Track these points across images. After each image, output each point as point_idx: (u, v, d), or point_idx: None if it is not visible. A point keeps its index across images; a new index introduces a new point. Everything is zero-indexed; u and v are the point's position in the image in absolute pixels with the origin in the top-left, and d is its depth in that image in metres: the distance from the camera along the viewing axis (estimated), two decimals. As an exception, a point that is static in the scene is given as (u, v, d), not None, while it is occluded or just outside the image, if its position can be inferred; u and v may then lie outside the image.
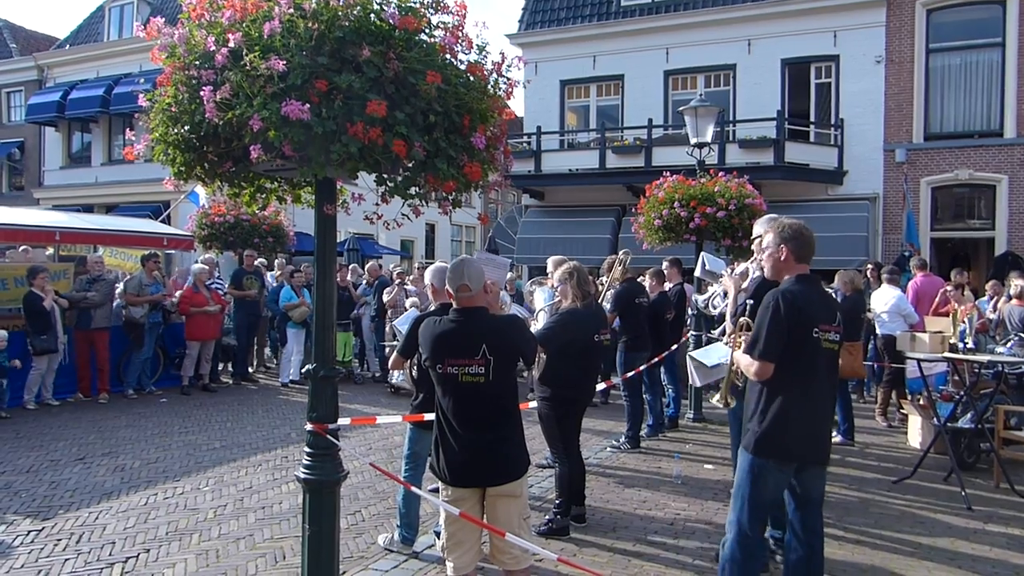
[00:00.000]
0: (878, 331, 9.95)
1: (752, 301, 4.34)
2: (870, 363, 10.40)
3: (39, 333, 9.34)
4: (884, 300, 9.74)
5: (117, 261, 13.13)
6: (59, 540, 5.22)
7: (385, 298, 11.89)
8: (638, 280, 8.80)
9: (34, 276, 9.50)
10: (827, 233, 13.30)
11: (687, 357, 6.03)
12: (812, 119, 18.17)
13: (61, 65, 28.25)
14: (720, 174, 9.65)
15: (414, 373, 5.13)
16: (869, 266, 12.18)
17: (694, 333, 9.65)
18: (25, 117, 28.48)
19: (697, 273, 8.00)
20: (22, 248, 12.02)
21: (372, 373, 12.69)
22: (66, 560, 4.88)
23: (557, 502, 5.54)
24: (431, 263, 16.61)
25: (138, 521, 5.62)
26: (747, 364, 3.76)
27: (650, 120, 18.12)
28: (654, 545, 5.29)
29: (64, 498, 6.12)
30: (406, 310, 10.83)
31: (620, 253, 8.05)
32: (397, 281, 12.38)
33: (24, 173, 30.13)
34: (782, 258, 3.86)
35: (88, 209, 24.38)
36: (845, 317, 4.03)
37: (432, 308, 5.10)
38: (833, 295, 6.14)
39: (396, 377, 11.20)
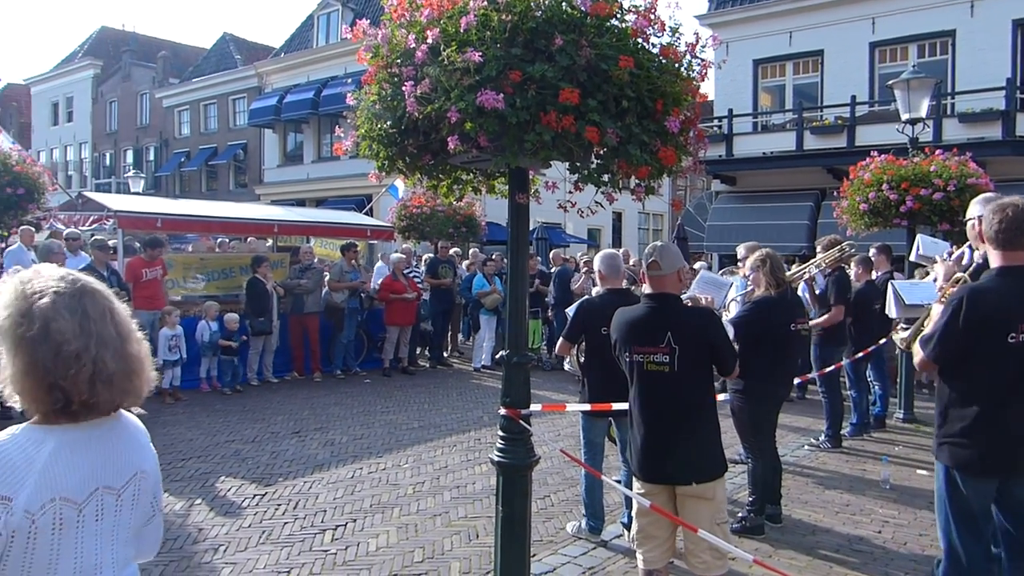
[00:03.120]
0: None
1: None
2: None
3: (257, 315, 10.28)
4: None
5: (326, 251, 14.18)
6: (279, 505, 5.73)
7: (573, 287, 11.98)
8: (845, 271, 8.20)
9: (258, 264, 10.48)
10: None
11: (889, 284, 5.57)
12: (1049, 87, 16.14)
13: (277, 72, 30.92)
14: (937, 152, 8.81)
15: (581, 359, 5.13)
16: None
17: (904, 325, 8.87)
18: (248, 121, 31.50)
19: (912, 258, 7.36)
20: (247, 240, 13.31)
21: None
22: (285, 524, 5.35)
23: (750, 500, 5.33)
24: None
25: (345, 492, 6.05)
26: (916, 351, 3.38)
27: (853, 97, 16.91)
28: (859, 554, 4.95)
29: (282, 467, 6.71)
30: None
31: (844, 243, 7.54)
32: (584, 270, 12.44)
33: (247, 172, 33.34)
34: (987, 245, 3.26)
35: (300, 203, 26.61)
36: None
37: (598, 294, 5.09)
38: None
39: (567, 366, 11.30)
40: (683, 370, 3.42)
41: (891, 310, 5.48)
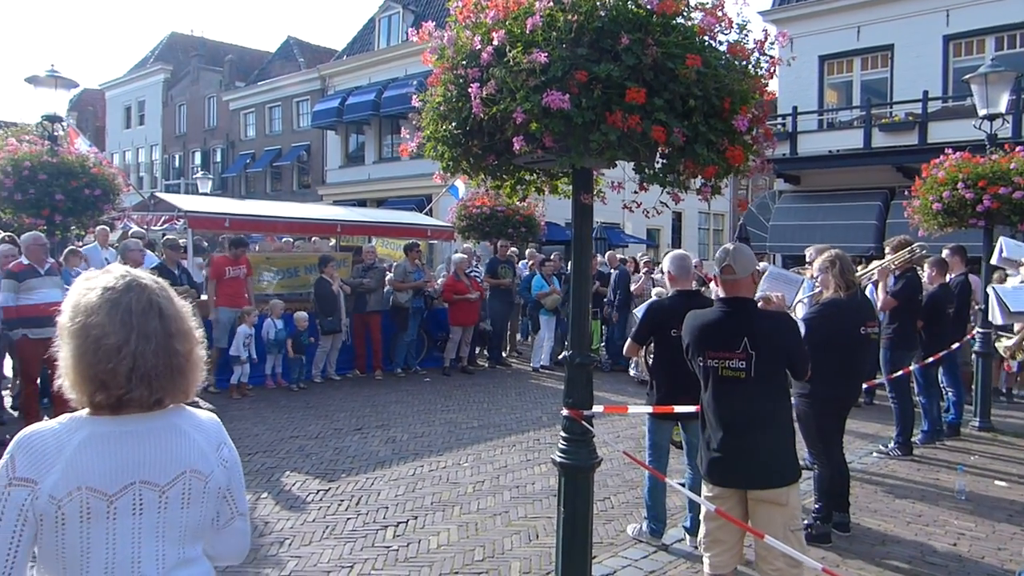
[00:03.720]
0: None
1: None
2: None
3: (326, 315, 10.48)
4: None
5: (388, 251, 14.37)
6: (342, 501, 5.83)
7: (632, 287, 11.90)
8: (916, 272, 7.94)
9: (325, 264, 10.69)
10: None
11: (989, 288, 5.36)
12: None
13: (339, 74, 31.48)
14: (1017, 149, 8.45)
15: (649, 361, 5.08)
16: None
17: (980, 330, 8.57)
18: (311, 123, 32.14)
19: (994, 260, 7.09)
20: (311, 240, 13.58)
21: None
22: (348, 519, 5.44)
23: (816, 507, 5.22)
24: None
25: (407, 489, 6.12)
26: None
27: (925, 92, 16.36)
28: (933, 567, 4.78)
29: (345, 463, 6.82)
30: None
31: (916, 245, 7.32)
32: (644, 270, 12.35)
33: (310, 172, 34.02)
34: None
35: (362, 204, 27.04)
36: None
37: (667, 296, 5.02)
38: None
39: (632, 368, 11.24)
40: (759, 376, 3.37)
41: (995, 317, 5.29)
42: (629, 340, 4.92)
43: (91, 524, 1.63)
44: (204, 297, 9.73)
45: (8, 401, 8.73)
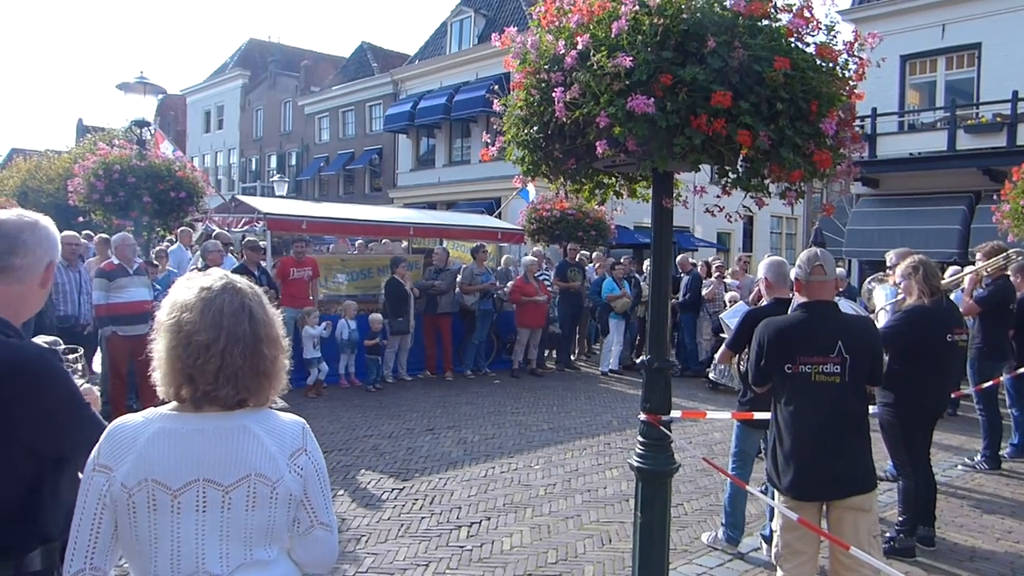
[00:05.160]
0: None
1: None
2: None
3: (396, 316, 10.65)
4: None
5: (459, 253, 14.51)
6: (416, 500, 5.92)
7: (704, 291, 11.74)
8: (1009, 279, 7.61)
9: (396, 265, 10.87)
10: None
11: None
12: None
13: (411, 79, 31.93)
14: (1116, 151, 8.05)
15: (742, 368, 4.99)
16: None
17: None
18: (383, 127, 32.69)
19: None
20: (383, 241, 13.82)
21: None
22: (422, 518, 5.52)
23: (900, 519, 5.06)
24: (749, 256, 16.07)
25: (479, 490, 6.17)
26: None
27: (1015, 93, 15.68)
28: (1024, 583, 4.60)
29: (418, 463, 6.92)
30: (726, 305, 10.60)
31: (1012, 251, 7.04)
32: (716, 275, 12.17)
33: (381, 176, 34.60)
34: None
35: (432, 206, 27.34)
36: None
37: (764, 303, 4.91)
38: None
39: (715, 373, 11.05)
40: (852, 380, 3.33)
41: None
42: (723, 347, 4.86)
43: (157, 515, 1.69)
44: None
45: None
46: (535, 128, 3.53)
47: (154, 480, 1.69)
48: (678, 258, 13.93)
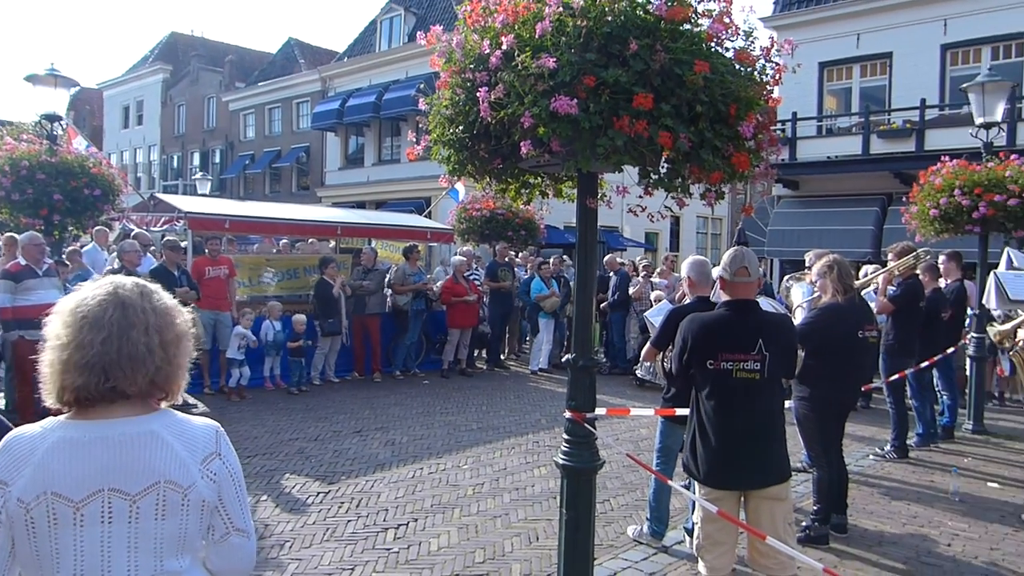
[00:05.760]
0: None
1: None
2: None
3: (327, 317, 10.48)
4: None
5: (387, 253, 14.38)
6: (342, 503, 5.84)
7: (631, 290, 11.93)
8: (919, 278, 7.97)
9: (325, 266, 10.71)
10: None
11: (992, 274, 5.36)
12: None
13: (340, 76, 31.51)
14: (1012, 157, 8.51)
15: (667, 365, 5.09)
16: None
17: (975, 335, 8.63)
18: (311, 124, 32.16)
19: (1001, 268, 7.14)
20: (310, 241, 13.58)
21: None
22: (348, 521, 5.45)
23: (815, 509, 5.25)
24: (676, 256, 16.38)
25: (407, 492, 6.13)
26: None
27: (923, 100, 16.45)
28: (929, 567, 4.83)
29: (345, 466, 6.83)
30: (652, 304, 10.79)
31: (920, 251, 7.38)
32: (643, 274, 12.38)
33: (309, 174, 34.03)
34: None
35: (360, 206, 27.02)
36: None
37: (687, 301, 5.03)
38: None
39: (642, 370, 11.27)
40: (770, 376, 3.45)
41: (990, 302, 5.32)
42: (648, 344, 4.95)
43: (59, 530, 1.61)
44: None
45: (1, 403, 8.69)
46: (460, 128, 3.53)
47: (54, 493, 1.61)
48: (606, 258, 14.13)
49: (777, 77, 3.52)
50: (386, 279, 11.58)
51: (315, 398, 9.84)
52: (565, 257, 13.57)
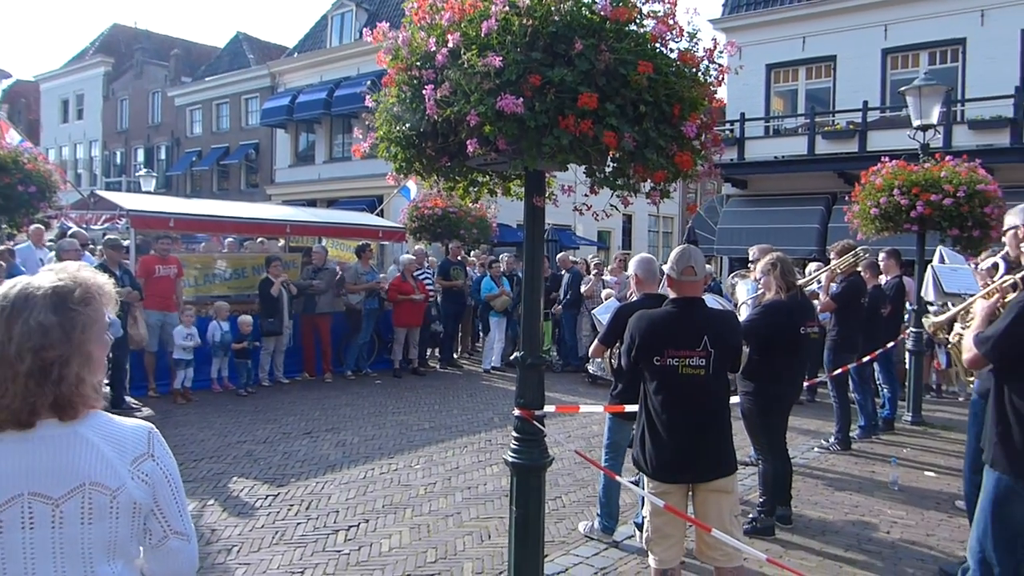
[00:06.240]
0: None
1: None
2: None
3: (268, 316, 10.33)
4: None
5: (338, 252, 14.22)
6: (292, 505, 5.76)
7: (583, 289, 12.01)
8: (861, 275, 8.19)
9: (269, 264, 10.54)
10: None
11: (929, 267, 5.53)
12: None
13: (290, 72, 31.07)
14: (947, 158, 8.81)
15: (614, 362, 5.15)
16: None
17: (914, 330, 8.91)
18: (260, 121, 31.65)
19: (935, 264, 7.37)
20: (259, 240, 13.36)
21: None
22: (298, 524, 5.38)
23: (761, 501, 5.37)
24: (628, 254, 16.58)
25: (358, 493, 6.08)
26: (967, 347, 3.38)
27: (865, 103, 16.91)
28: (869, 553, 4.98)
29: (295, 468, 6.75)
30: (603, 301, 10.88)
31: (859, 249, 7.58)
32: (595, 272, 12.48)
33: (258, 172, 33.48)
34: None
35: (311, 204, 26.71)
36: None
37: (634, 299, 5.09)
38: None
39: (594, 367, 11.36)
40: (715, 372, 3.51)
41: (927, 293, 5.48)
42: (596, 341, 4.99)
43: None
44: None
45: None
46: (407, 125, 3.51)
47: None
48: (558, 256, 14.21)
49: (720, 78, 3.57)
50: (337, 278, 11.46)
51: (264, 400, 9.70)
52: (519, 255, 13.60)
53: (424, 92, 3.24)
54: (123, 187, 35.67)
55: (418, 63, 3.39)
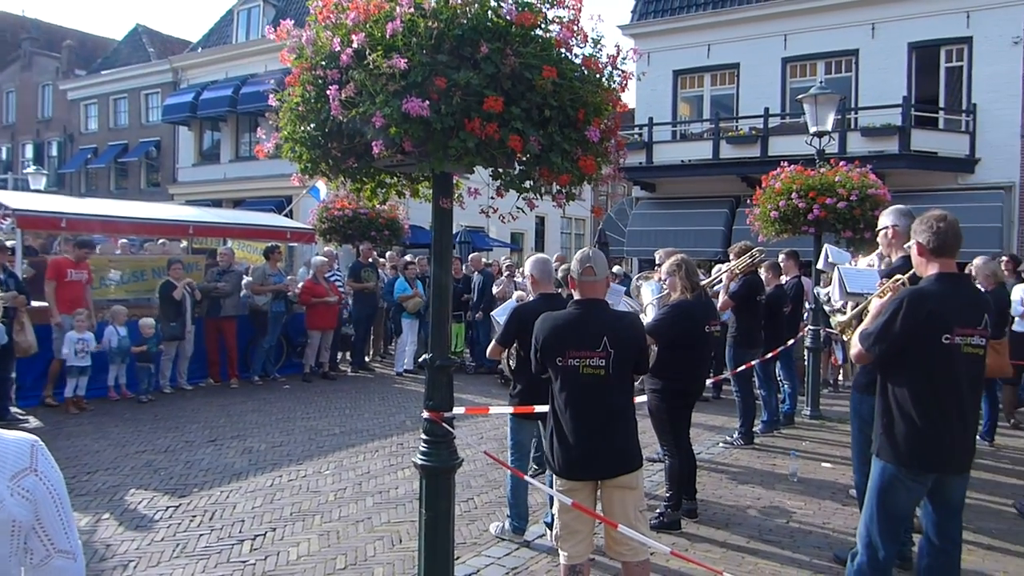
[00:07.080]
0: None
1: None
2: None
3: (169, 320, 9.95)
4: (1017, 296, 9.08)
5: (245, 254, 13.83)
6: (194, 516, 5.57)
7: (495, 290, 12.06)
8: (759, 274, 8.52)
9: (170, 266, 10.16)
10: (958, 224, 12.47)
11: (836, 268, 5.80)
12: (941, 105, 17.16)
13: (194, 67, 29.97)
14: (841, 163, 9.27)
15: (512, 363, 5.19)
16: (1004, 259, 11.37)
17: (812, 328, 9.34)
18: (161, 117, 30.40)
19: (819, 265, 7.73)
20: (160, 241, 12.86)
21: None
22: (200, 535, 5.20)
23: (667, 495, 5.51)
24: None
25: (265, 501, 5.93)
26: (853, 343, 3.60)
27: (766, 109, 17.61)
28: (769, 543, 5.18)
29: (198, 477, 6.52)
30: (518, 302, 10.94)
31: (755, 250, 7.86)
32: (507, 273, 12.54)
33: (160, 170, 32.19)
34: (919, 253, 3.51)
35: (217, 204, 25.85)
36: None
37: (530, 299, 5.15)
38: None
39: (507, 368, 11.42)
40: (616, 372, 3.56)
41: (834, 294, 5.74)
42: (493, 342, 5.01)
43: None
44: (36, 304, 8.88)
45: None
46: (312, 125, 3.46)
47: None
48: (470, 257, 14.21)
49: (624, 84, 3.65)
50: (243, 280, 11.14)
51: (165, 407, 9.33)
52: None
53: (328, 92, 3.19)
54: (9, 185, 33.56)
55: (323, 63, 3.34)
